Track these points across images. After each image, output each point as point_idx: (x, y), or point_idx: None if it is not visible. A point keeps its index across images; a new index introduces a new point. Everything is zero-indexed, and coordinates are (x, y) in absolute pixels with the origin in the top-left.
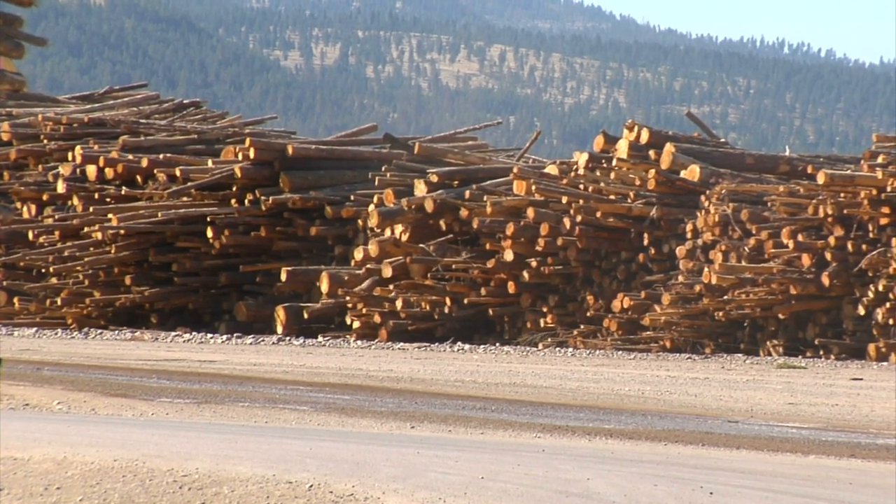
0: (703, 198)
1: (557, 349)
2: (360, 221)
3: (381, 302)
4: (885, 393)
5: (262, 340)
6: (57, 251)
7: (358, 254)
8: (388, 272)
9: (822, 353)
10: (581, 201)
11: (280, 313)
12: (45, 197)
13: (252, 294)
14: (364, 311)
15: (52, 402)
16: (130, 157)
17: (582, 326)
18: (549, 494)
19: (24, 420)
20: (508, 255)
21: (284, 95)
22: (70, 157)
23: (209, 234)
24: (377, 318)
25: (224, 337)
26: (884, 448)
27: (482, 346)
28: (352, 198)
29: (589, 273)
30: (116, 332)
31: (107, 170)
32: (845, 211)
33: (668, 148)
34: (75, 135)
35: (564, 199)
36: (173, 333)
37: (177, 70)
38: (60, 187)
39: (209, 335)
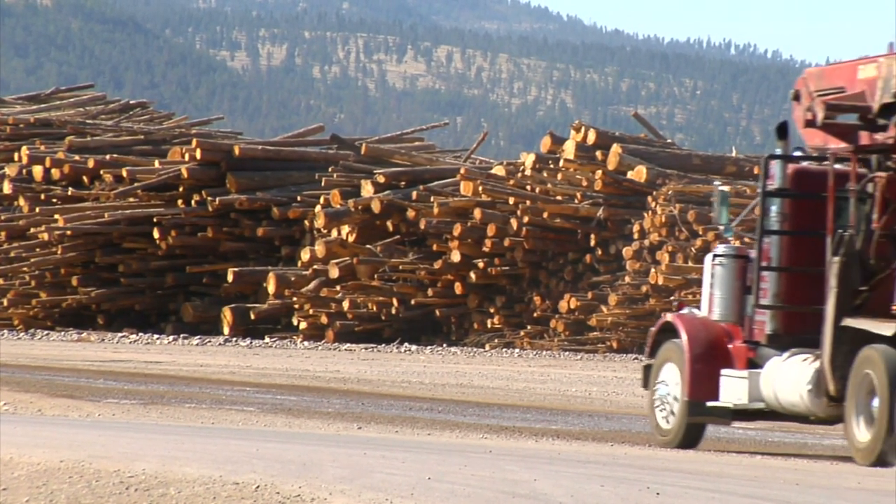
0: (649, 198)
1: (504, 350)
2: (306, 222)
3: (327, 303)
4: None
5: (209, 341)
6: (3, 252)
7: (305, 255)
8: (334, 273)
9: None
10: (528, 202)
11: (227, 314)
12: None
13: (198, 295)
14: (311, 311)
15: None
16: (77, 157)
17: (529, 327)
18: (495, 495)
19: None
20: (455, 256)
21: (231, 96)
22: (16, 158)
23: (156, 234)
24: (324, 319)
25: (170, 338)
26: (829, 448)
27: (429, 347)
28: (298, 199)
29: (536, 274)
30: (63, 333)
31: (53, 170)
32: None
33: (615, 149)
34: (21, 135)
35: (511, 200)
36: (120, 334)
37: (123, 71)
38: (6, 188)
39: (156, 336)
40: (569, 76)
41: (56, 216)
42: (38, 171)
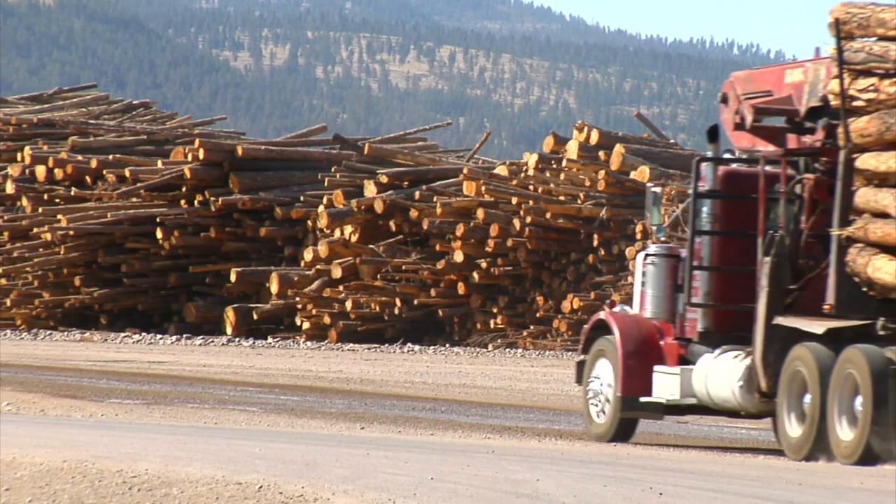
0: None
1: (507, 350)
2: (309, 222)
3: (330, 303)
4: None
5: (212, 341)
6: (6, 252)
7: (307, 255)
8: (337, 273)
9: None
10: (531, 202)
11: (229, 314)
12: None
13: (201, 295)
14: (314, 311)
15: (1, 402)
16: (80, 157)
17: (532, 327)
18: (498, 495)
19: None
20: (458, 256)
21: (234, 96)
22: (19, 158)
23: (158, 234)
24: (327, 319)
25: (173, 338)
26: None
27: (432, 347)
28: (301, 199)
29: (539, 274)
30: (66, 333)
31: (56, 170)
32: None
33: (618, 149)
34: (24, 135)
35: (514, 200)
36: (122, 334)
37: (126, 71)
38: (9, 188)
39: (158, 336)
40: (571, 76)
41: (59, 216)
42: (41, 171)
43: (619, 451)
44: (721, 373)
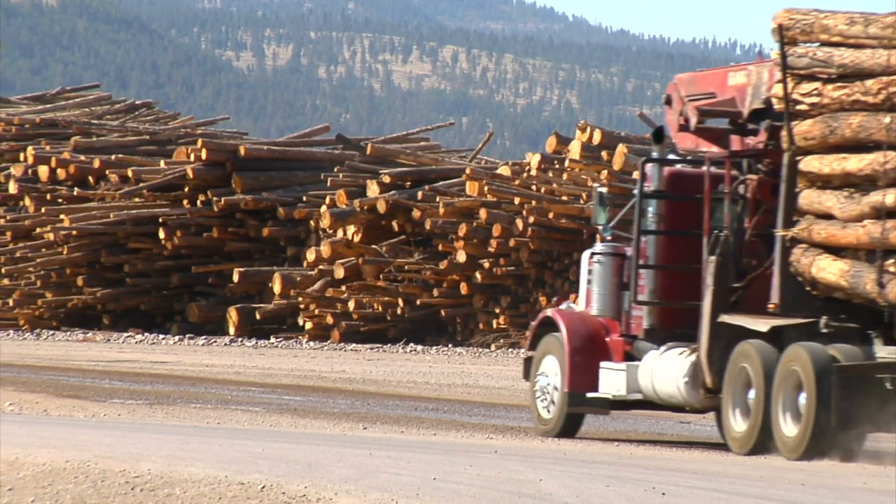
0: None
1: (510, 350)
2: (312, 222)
3: (333, 303)
4: None
5: (215, 341)
6: (8, 252)
7: (310, 255)
8: (340, 273)
9: None
10: (533, 202)
11: (232, 314)
12: None
13: (204, 295)
14: (316, 312)
15: (3, 403)
16: (82, 157)
17: None
18: (501, 495)
19: None
20: (461, 256)
21: (236, 96)
22: (22, 158)
23: (161, 234)
24: (329, 319)
25: (176, 338)
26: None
27: (434, 348)
28: (304, 199)
29: (541, 274)
30: (68, 333)
31: (59, 170)
32: None
33: (621, 149)
34: (27, 135)
35: (517, 200)
36: (125, 334)
37: (129, 71)
38: (12, 188)
39: (161, 336)
40: (574, 76)
41: (61, 216)
42: (43, 171)
43: (621, 451)
44: (667, 369)
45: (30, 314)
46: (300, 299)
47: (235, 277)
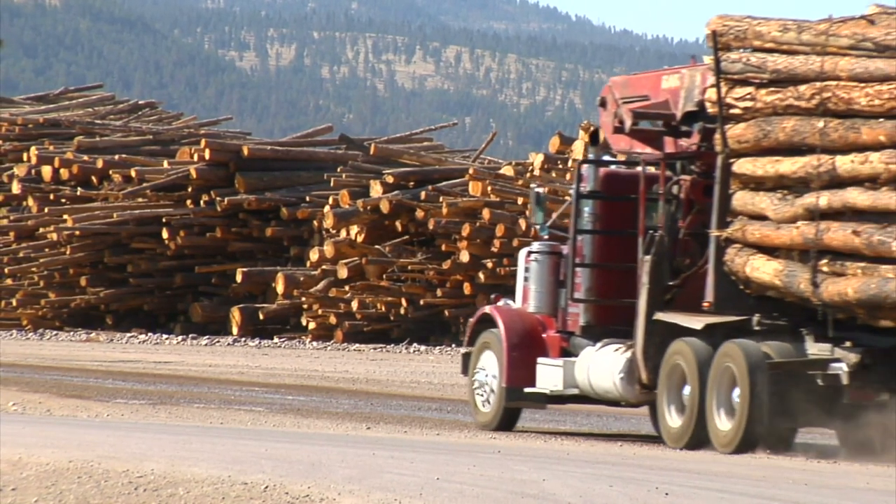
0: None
1: None
2: (315, 222)
3: (336, 303)
4: None
5: (218, 341)
6: (12, 252)
7: (313, 255)
8: (343, 273)
9: None
10: None
11: (235, 314)
12: None
13: (207, 295)
14: (320, 312)
15: (7, 403)
16: (86, 157)
17: None
18: (504, 495)
19: None
20: (464, 256)
21: (240, 96)
22: (25, 158)
23: (164, 234)
24: (333, 319)
25: (179, 338)
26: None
27: (438, 348)
28: (307, 199)
29: None
30: (72, 333)
31: (62, 170)
32: None
33: None
34: (30, 135)
35: (520, 200)
36: (128, 334)
37: (132, 71)
38: (15, 188)
39: (164, 336)
40: (577, 76)
41: (65, 216)
42: (46, 171)
43: (625, 451)
44: (603, 365)
45: (33, 314)
46: (303, 299)
47: (239, 277)
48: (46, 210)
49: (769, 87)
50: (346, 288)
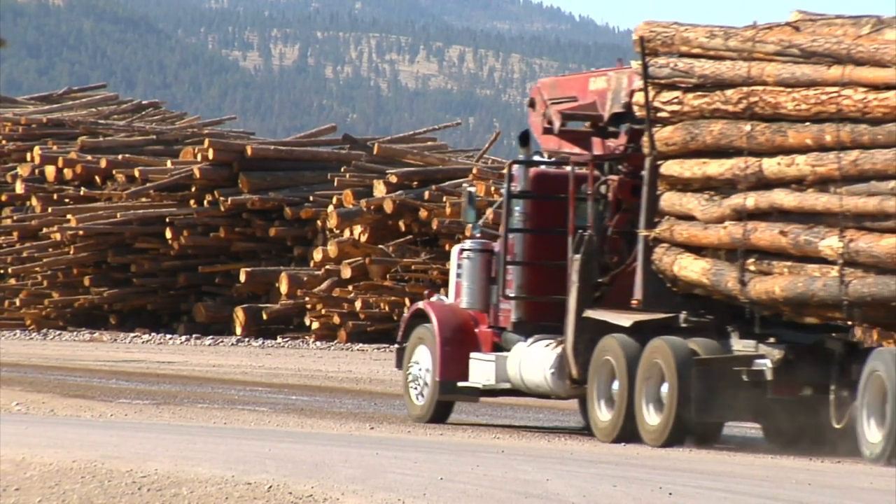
0: None
1: None
2: (319, 222)
3: (340, 303)
4: None
5: (221, 341)
6: (15, 252)
7: (317, 254)
8: (347, 273)
9: None
10: None
11: (239, 314)
12: (3, 197)
13: (211, 295)
14: (323, 311)
15: (10, 402)
16: (89, 157)
17: None
18: (508, 495)
19: None
20: None
21: (243, 96)
22: (29, 158)
23: (168, 234)
24: (336, 319)
25: (183, 338)
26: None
27: None
28: (311, 199)
29: None
30: (75, 333)
31: (65, 170)
32: None
33: None
34: (34, 135)
35: None
36: (132, 334)
37: (135, 71)
38: (19, 188)
39: (168, 336)
40: None
41: (68, 216)
42: (50, 171)
43: (628, 451)
44: (534, 360)
45: (36, 314)
46: (307, 299)
47: (242, 277)
48: (50, 210)
49: (696, 92)
50: (350, 288)
